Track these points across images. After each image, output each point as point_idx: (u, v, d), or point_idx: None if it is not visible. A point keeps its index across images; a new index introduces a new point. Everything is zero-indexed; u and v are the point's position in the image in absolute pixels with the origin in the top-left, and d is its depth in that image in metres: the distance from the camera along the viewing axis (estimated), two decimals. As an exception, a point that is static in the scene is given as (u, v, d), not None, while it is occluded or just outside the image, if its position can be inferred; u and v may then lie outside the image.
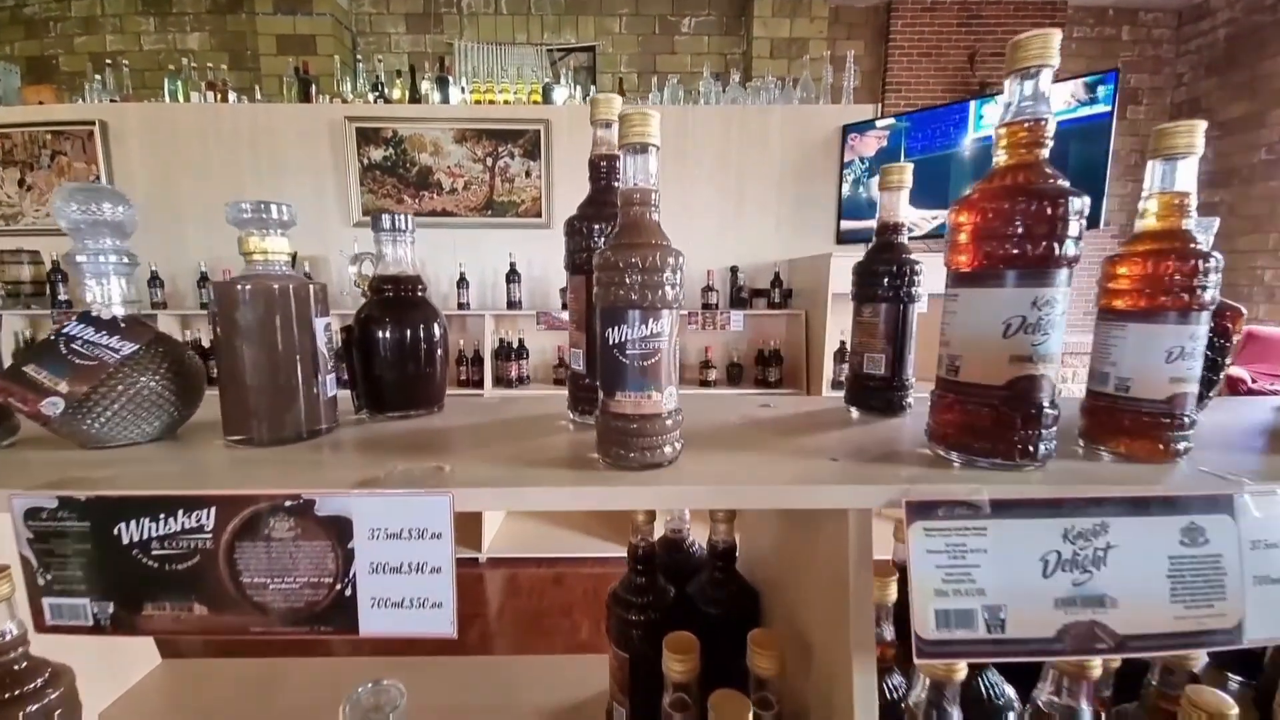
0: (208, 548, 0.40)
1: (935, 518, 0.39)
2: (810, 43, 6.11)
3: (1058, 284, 0.41)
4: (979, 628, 0.39)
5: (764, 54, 6.10)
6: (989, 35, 6.72)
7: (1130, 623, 0.39)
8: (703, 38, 6.31)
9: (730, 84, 3.48)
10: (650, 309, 0.41)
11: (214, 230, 3.15)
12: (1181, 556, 0.40)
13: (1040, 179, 0.41)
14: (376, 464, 0.45)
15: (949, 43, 6.75)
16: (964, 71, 6.79)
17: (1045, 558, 0.39)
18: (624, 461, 0.43)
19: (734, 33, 6.25)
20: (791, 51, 6.06)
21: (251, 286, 0.47)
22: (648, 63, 6.35)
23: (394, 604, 0.40)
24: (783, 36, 6.03)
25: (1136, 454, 0.46)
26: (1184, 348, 0.44)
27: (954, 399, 0.45)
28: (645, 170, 0.42)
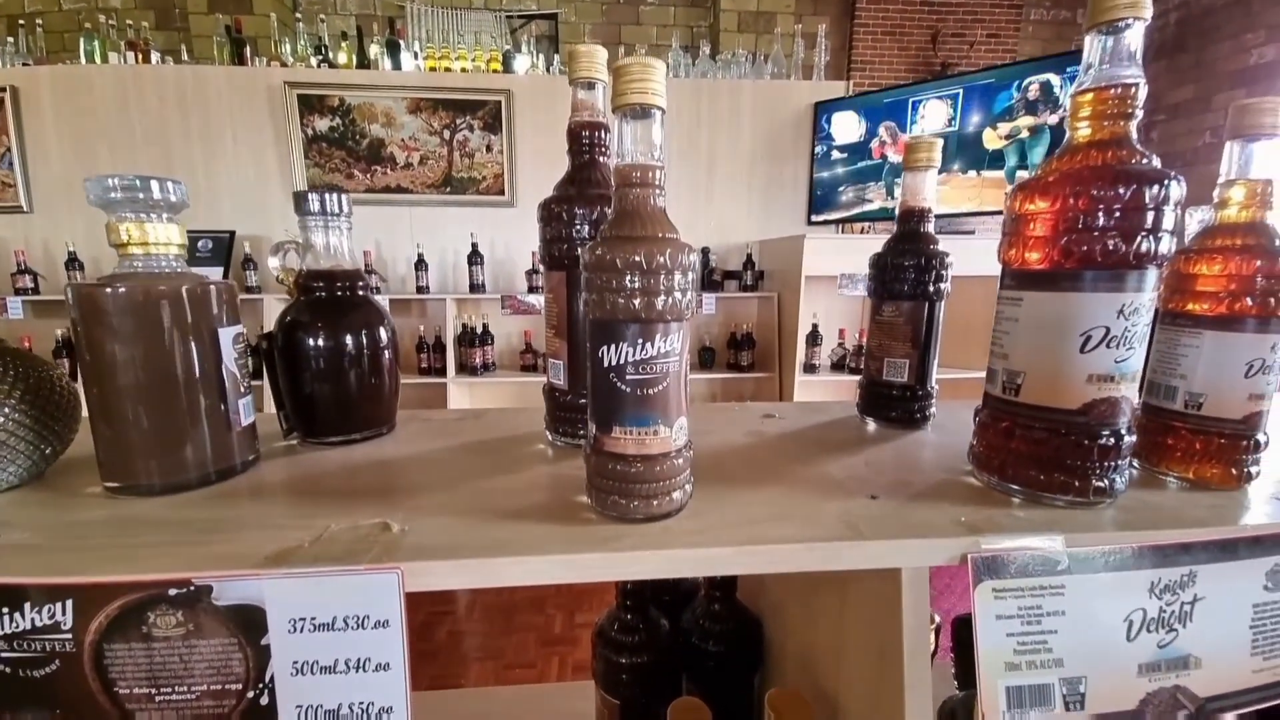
0: (68, 650, 0.29)
1: (1007, 575, 0.32)
2: (778, 17, 6.01)
3: (1146, 288, 0.34)
4: (1055, 704, 0.32)
5: (731, 27, 5.95)
6: (950, 16, 6.74)
7: (1211, 683, 0.33)
8: (669, 9, 6.12)
9: (700, 57, 3.35)
10: (657, 322, 0.32)
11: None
12: (1265, 603, 0.34)
13: (1133, 157, 0.34)
14: (303, 519, 0.35)
15: (912, 22, 6.74)
16: (926, 52, 6.80)
17: (1130, 617, 0.33)
18: (624, 512, 0.34)
19: (701, 4, 6.07)
20: (759, 25, 5.94)
21: (126, 290, 0.36)
22: (612, 33, 6.11)
23: (328, 711, 0.30)
24: (750, 9, 5.90)
25: (1208, 480, 0.40)
26: (1265, 360, 0.38)
27: (1011, 423, 0.38)
28: (649, 140, 0.33)
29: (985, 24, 6.83)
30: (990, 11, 6.77)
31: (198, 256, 2.81)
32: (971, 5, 6.80)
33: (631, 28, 6.14)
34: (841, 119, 3.09)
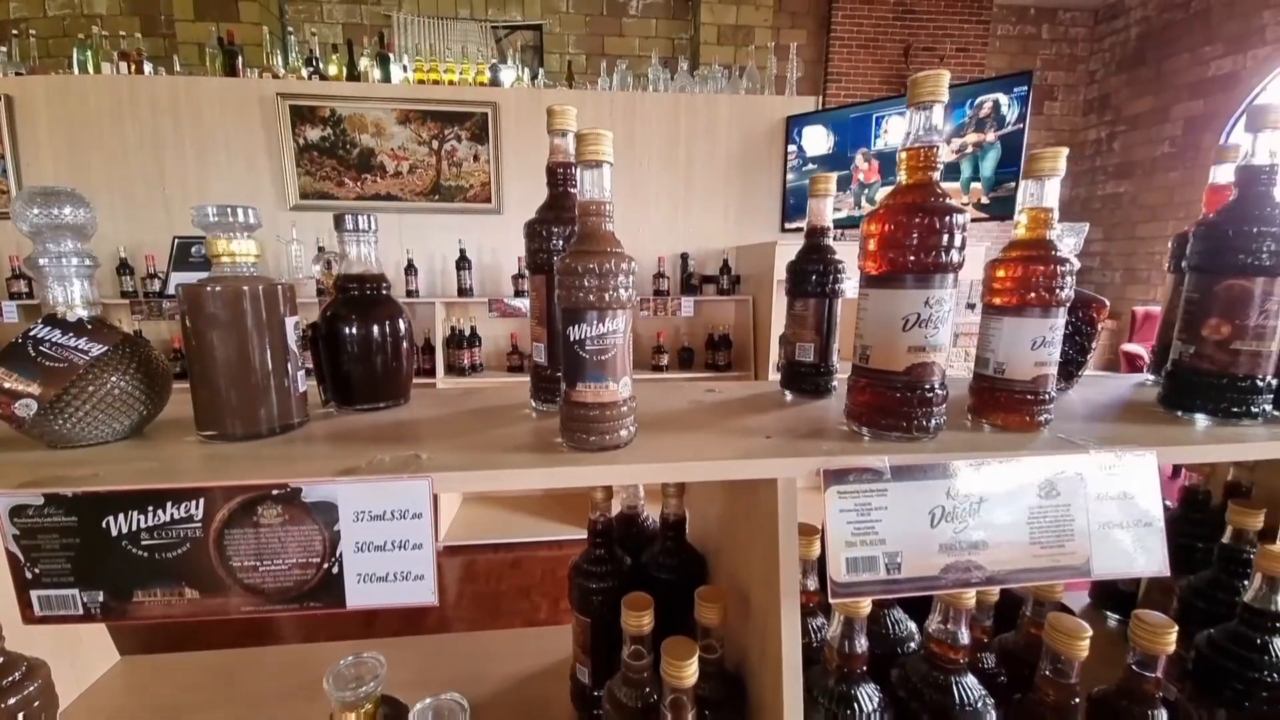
0: (197, 536, 0.43)
1: (846, 482, 0.47)
2: (756, 30, 6.19)
3: (946, 286, 0.49)
4: (880, 571, 0.47)
5: (711, 40, 6.12)
6: (922, 30, 7.01)
7: (998, 561, 0.48)
8: (650, 21, 6.27)
9: (679, 71, 3.52)
10: (606, 309, 0.46)
11: (135, 213, 2.94)
12: (1039, 507, 0.49)
13: (933, 197, 0.49)
14: (352, 454, 0.48)
15: (885, 35, 7.00)
16: (899, 65, 7.06)
17: (932, 511, 0.48)
18: (585, 444, 0.48)
19: (681, 17, 6.24)
20: (738, 38, 6.12)
21: (221, 289, 0.49)
22: (595, 44, 6.27)
23: (379, 578, 0.44)
24: (729, 23, 6.07)
25: (1010, 426, 0.55)
26: (1045, 337, 0.54)
27: (866, 382, 0.53)
28: (600, 184, 0.47)
29: (955, 38, 7.12)
30: (959, 27, 7.06)
31: (191, 261, 2.89)
32: (941, 21, 7.08)
33: (614, 39, 6.29)
34: (811, 132, 3.27)
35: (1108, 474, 0.50)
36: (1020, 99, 2.61)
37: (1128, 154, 7.09)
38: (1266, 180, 0.56)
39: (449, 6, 5.85)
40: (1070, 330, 0.71)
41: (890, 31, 7.02)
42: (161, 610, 0.43)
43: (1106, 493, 0.50)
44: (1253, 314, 0.56)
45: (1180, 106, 6.50)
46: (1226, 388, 0.57)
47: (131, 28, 5.33)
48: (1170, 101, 6.59)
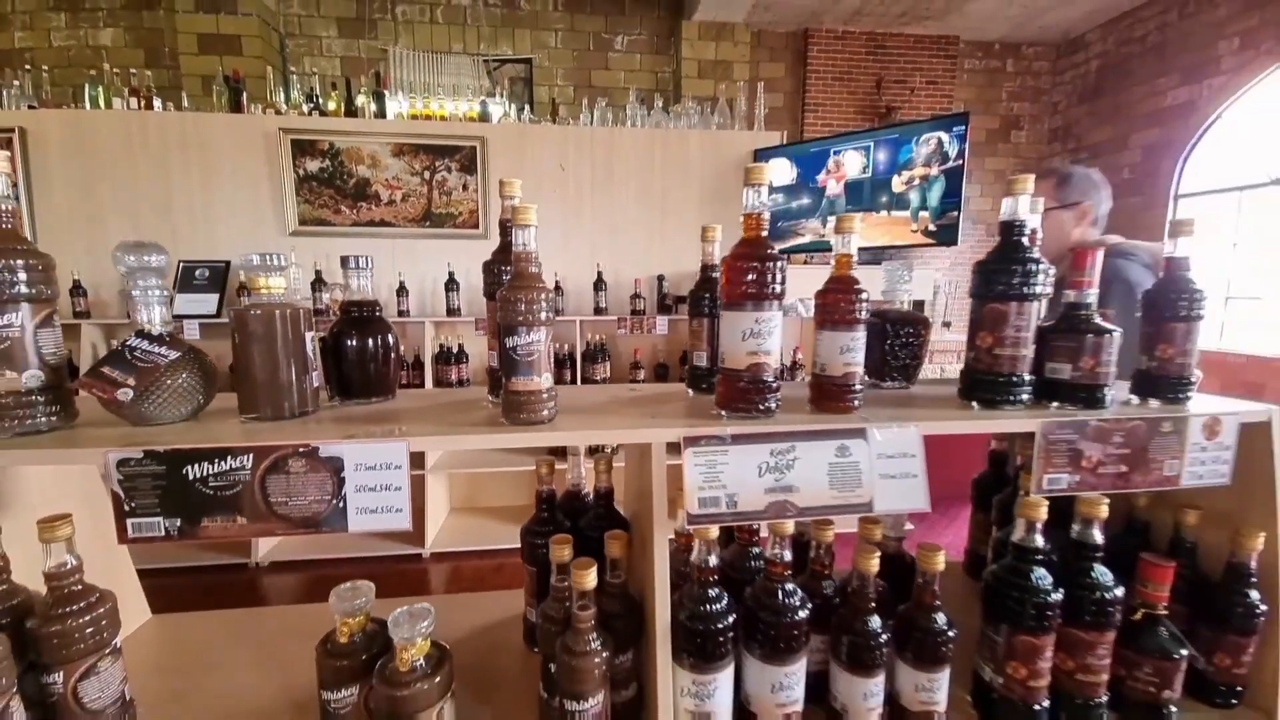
0: (246, 480, 0.62)
1: (699, 445, 0.68)
2: (734, 65, 6.52)
3: (772, 310, 0.71)
4: (722, 506, 0.67)
5: (692, 74, 6.43)
6: (893, 64, 7.42)
7: (806, 499, 0.69)
8: (635, 55, 6.60)
9: (654, 108, 3.79)
10: (531, 325, 0.67)
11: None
12: (836, 463, 0.70)
13: (763, 249, 0.71)
14: (352, 427, 0.68)
15: (859, 69, 7.40)
16: (873, 96, 7.45)
17: (760, 466, 0.68)
18: (517, 420, 0.69)
19: (664, 52, 6.57)
20: (718, 72, 6.44)
21: (261, 312, 0.70)
22: (583, 77, 6.58)
23: (371, 510, 0.64)
24: (709, 58, 6.39)
25: (830, 410, 0.76)
26: (849, 345, 0.75)
27: (723, 378, 0.74)
28: (527, 240, 0.69)
29: (924, 72, 7.53)
30: (929, 61, 7.48)
31: (194, 284, 3.09)
32: (911, 55, 7.50)
33: (601, 72, 6.60)
34: (776, 164, 3.54)
35: (886, 442, 0.71)
36: (959, 137, 2.89)
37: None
38: (1018, 232, 0.78)
39: (443, 41, 6.16)
40: (907, 340, 0.92)
41: (863, 65, 7.42)
42: (220, 533, 0.63)
43: (885, 453, 0.71)
44: (1008, 329, 0.77)
45: (1138, 135, 6.90)
46: (994, 382, 0.79)
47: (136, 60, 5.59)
48: (1129, 130, 6.99)
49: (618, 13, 6.41)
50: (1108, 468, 0.75)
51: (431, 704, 0.65)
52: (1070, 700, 0.77)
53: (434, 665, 0.67)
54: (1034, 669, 0.74)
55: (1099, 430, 0.74)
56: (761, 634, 0.70)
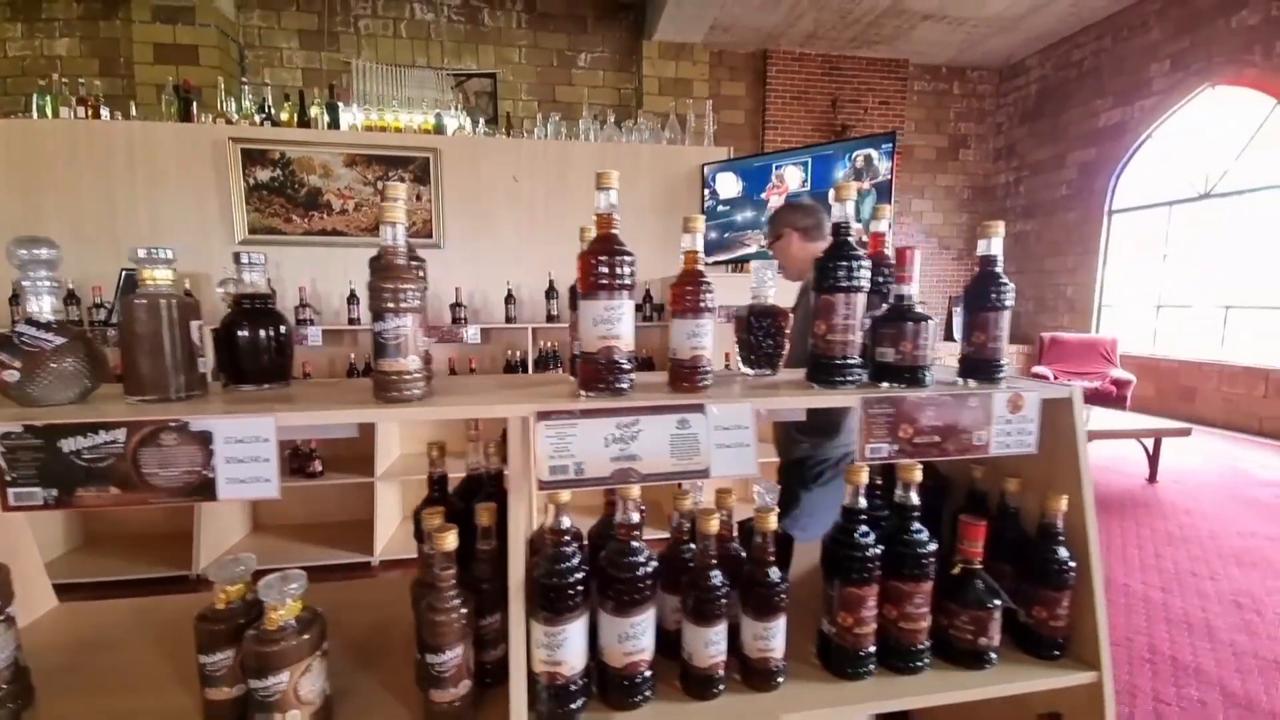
0: (120, 452, 0.68)
1: (551, 419, 0.75)
2: (694, 83, 6.71)
3: (621, 300, 0.79)
4: (570, 473, 0.75)
5: (654, 90, 6.60)
6: (848, 85, 7.75)
7: (649, 467, 0.77)
8: (598, 72, 6.75)
9: (607, 123, 3.92)
10: (398, 312, 0.75)
11: (87, 248, 3.11)
12: (677, 434, 0.78)
13: (613, 245, 0.79)
14: (234, 405, 0.74)
15: (816, 89, 7.70)
16: (829, 115, 7.75)
17: (606, 437, 0.76)
18: (385, 398, 0.76)
19: (627, 69, 6.74)
20: (678, 90, 6.63)
21: (146, 301, 0.76)
22: (546, 92, 6.70)
23: (240, 481, 0.70)
24: (669, 76, 6.56)
25: (683, 389, 0.85)
26: (696, 331, 0.84)
27: (581, 361, 0.82)
28: (397, 236, 0.76)
29: (877, 92, 7.87)
30: (881, 83, 7.82)
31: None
32: (864, 77, 7.83)
33: (564, 87, 6.73)
34: (724, 178, 3.69)
35: (723, 416, 0.80)
36: (888, 153, 3.07)
37: (1032, 196, 7.87)
38: (844, 232, 0.89)
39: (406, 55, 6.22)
40: (769, 331, 1.02)
41: (820, 85, 7.72)
42: (94, 501, 0.68)
43: (722, 425, 0.79)
44: (837, 317, 0.87)
45: (1075, 154, 7.32)
46: (830, 365, 0.89)
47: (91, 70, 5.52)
48: (1066, 150, 7.41)
49: (580, 31, 6.57)
50: (923, 438, 0.85)
51: (298, 660, 0.71)
52: (895, 646, 0.86)
53: (304, 626, 0.73)
54: (859, 617, 0.83)
55: (913, 405, 0.84)
56: (611, 589, 0.77)
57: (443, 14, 6.03)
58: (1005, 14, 6.56)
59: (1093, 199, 6.99)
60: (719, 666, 0.80)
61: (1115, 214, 6.87)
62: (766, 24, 6.71)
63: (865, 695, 0.82)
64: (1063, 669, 0.88)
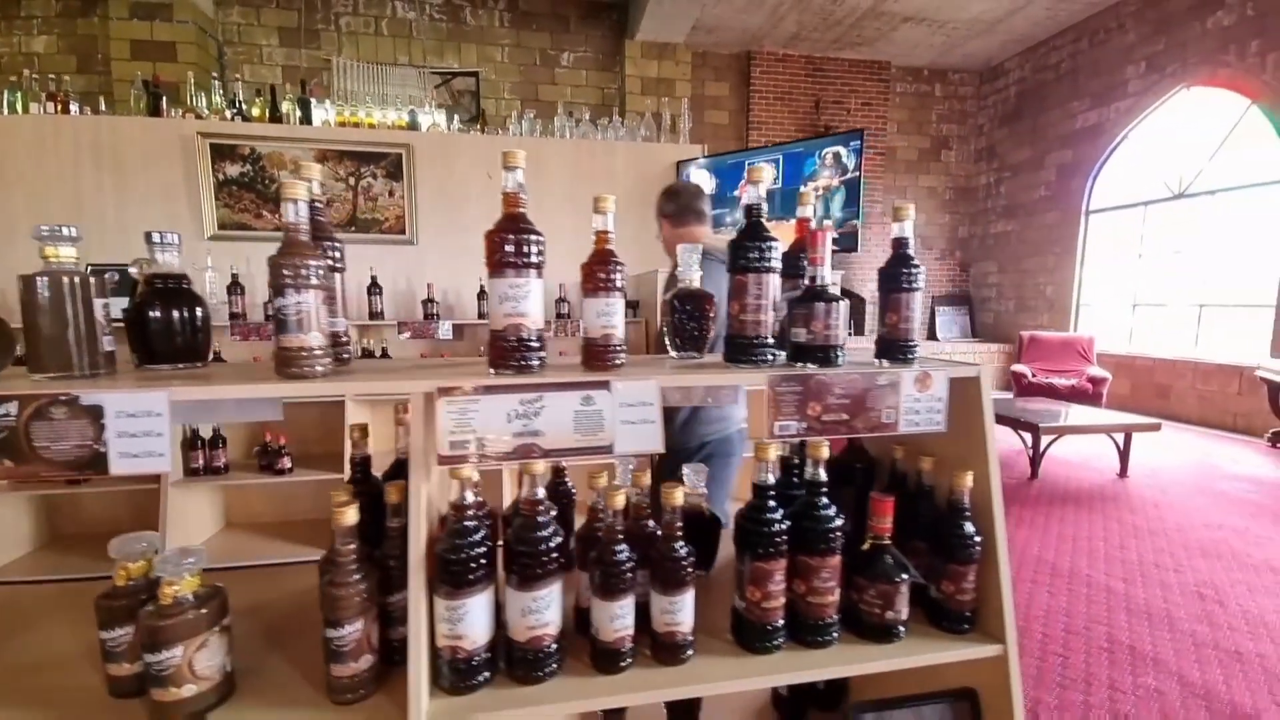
0: (12, 425, 0.68)
1: (452, 396, 0.76)
2: (677, 83, 6.73)
3: (527, 277, 0.80)
4: (472, 448, 0.76)
5: (636, 90, 6.61)
6: (831, 86, 7.80)
7: (552, 442, 0.78)
8: (581, 71, 6.75)
9: (582, 121, 3.93)
10: (299, 289, 0.75)
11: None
12: (581, 411, 0.79)
13: (520, 223, 0.80)
14: (140, 383, 0.74)
15: (799, 90, 7.75)
16: (812, 116, 7.80)
17: (509, 413, 0.77)
18: (286, 374, 0.76)
19: (610, 69, 6.74)
20: (660, 89, 6.64)
21: (48, 278, 0.76)
22: (530, 91, 6.70)
23: (133, 455, 0.70)
24: (652, 76, 6.57)
25: (595, 367, 0.86)
26: (605, 310, 0.85)
27: (490, 340, 0.83)
28: (299, 213, 0.77)
29: (859, 94, 7.93)
30: (863, 84, 7.88)
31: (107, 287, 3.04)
32: (847, 78, 7.88)
33: (547, 86, 6.73)
34: (697, 175, 3.70)
35: (628, 393, 0.80)
36: (856, 151, 3.10)
37: (1013, 197, 7.96)
38: (756, 214, 0.90)
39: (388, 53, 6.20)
40: (693, 314, 1.03)
41: (803, 86, 7.77)
42: (-16, 476, 0.68)
43: (627, 402, 0.80)
44: (749, 297, 0.89)
45: (1053, 155, 7.41)
46: (744, 345, 0.90)
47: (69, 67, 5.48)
48: (1045, 151, 7.50)
49: (563, 30, 6.57)
50: (832, 416, 0.86)
51: (193, 635, 0.71)
52: (804, 621, 0.87)
53: (201, 601, 0.73)
54: (766, 592, 0.84)
55: (820, 384, 0.85)
56: (516, 563, 0.78)
57: (424, 12, 6.02)
58: (983, 17, 6.64)
59: (1070, 200, 7.08)
60: (625, 640, 0.81)
61: (1092, 214, 6.96)
62: (750, 25, 6.74)
63: (773, 668, 0.84)
64: (970, 642, 0.90)
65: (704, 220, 1.80)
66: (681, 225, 1.76)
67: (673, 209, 1.77)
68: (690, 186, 1.81)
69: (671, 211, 1.77)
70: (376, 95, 5.10)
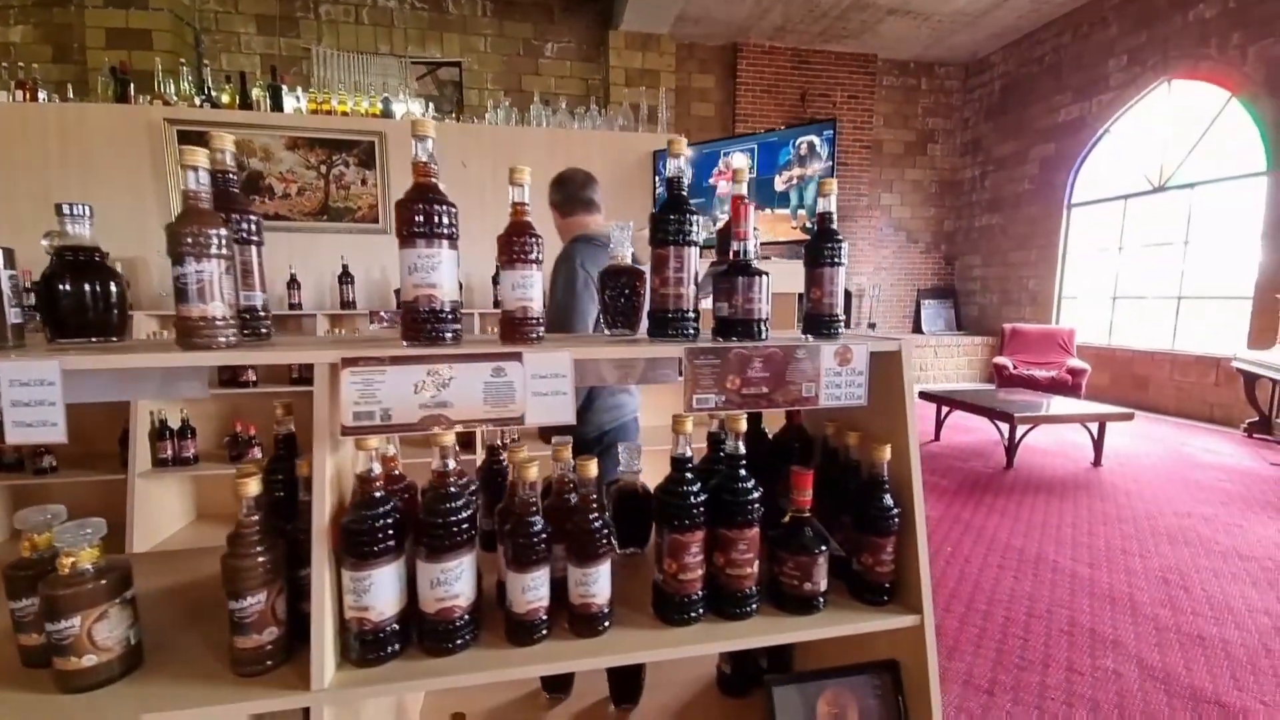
0: (-104, 395, 0.67)
1: (357, 366, 0.75)
2: (661, 74, 6.70)
3: (439, 248, 0.79)
4: (377, 419, 0.75)
5: (620, 81, 6.57)
6: (817, 79, 7.79)
7: (461, 413, 0.77)
8: (565, 62, 6.71)
9: (559, 110, 3.91)
10: (199, 257, 0.74)
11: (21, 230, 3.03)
12: (492, 382, 0.79)
13: (429, 193, 0.79)
14: (44, 357, 0.73)
15: (785, 81, 7.73)
16: (798, 108, 7.79)
17: (415, 384, 0.77)
18: (189, 345, 0.75)
19: (594, 59, 6.70)
20: (645, 81, 6.61)
21: (-56, 247, 0.74)
22: (513, 81, 6.65)
23: (27, 424, 0.69)
24: (636, 67, 6.54)
25: (514, 341, 0.85)
26: (521, 282, 0.85)
27: (403, 310, 0.82)
28: (199, 182, 0.76)
29: (845, 87, 7.92)
30: (849, 77, 7.88)
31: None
32: (834, 71, 7.87)
33: (531, 77, 6.68)
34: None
35: (540, 364, 0.80)
36: (829, 140, 3.09)
37: (997, 191, 7.99)
38: (677, 187, 0.89)
39: (369, 42, 6.14)
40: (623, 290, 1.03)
41: (789, 79, 7.75)
42: None
43: (539, 374, 0.80)
44: (669, 270, 0.88)
45: (1036, 149, 7.44)
46: (666, 318, 0.89)
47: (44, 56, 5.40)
48: (1028, 145, 7.53)
49: (547, 20, 6.53)
50: (751, 389, 0.86)
51: (91, 605, 0.70)
52: (724, 593, 0.87)
53: (100, 573, 0.72)
54: (683, 564, 0.84)
55: (738, 357, 0.85)
56: (425, 535, 0.78)
57: (405, 1, 5.96)
58: (968, 9, 6.64)
59: (1053, 193, 7.11)
60: (540, 612, 0.81)
61: (1074, 208, 7.00)
62: (736, 16, 6.72)
63: (691, 639, 0.84)
64: (889, 613, 0.90)
65: (592, 209, 1.76)
66: (569, 215, 1.74)
67: (559, 199, 1.75)
68: (579, 175, 1.76)
69: (558, 201, 1.76)
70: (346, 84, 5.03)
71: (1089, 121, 6.72)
